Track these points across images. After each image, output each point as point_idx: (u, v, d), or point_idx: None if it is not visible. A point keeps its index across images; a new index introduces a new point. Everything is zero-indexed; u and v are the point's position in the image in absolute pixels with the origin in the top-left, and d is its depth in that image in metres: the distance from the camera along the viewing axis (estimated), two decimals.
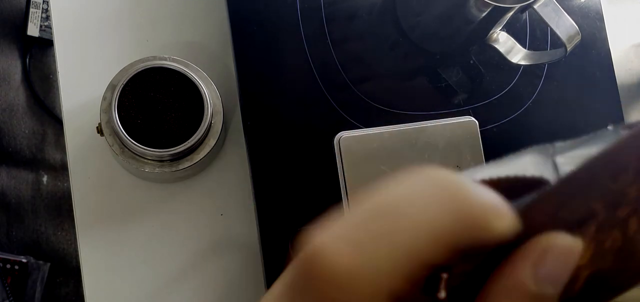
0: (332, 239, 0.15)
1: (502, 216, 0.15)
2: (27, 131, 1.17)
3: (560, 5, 0.43)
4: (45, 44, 1.20)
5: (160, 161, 0.44)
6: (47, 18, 1.18)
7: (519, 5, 0.42)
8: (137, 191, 0.49)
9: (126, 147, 0.44)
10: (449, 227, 0.15)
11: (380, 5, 0.50)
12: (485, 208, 0.15)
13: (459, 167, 0.44)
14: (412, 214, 0.15)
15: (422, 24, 0.50)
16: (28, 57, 1.18)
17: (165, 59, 0.44)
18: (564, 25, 0.43)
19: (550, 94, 0.51)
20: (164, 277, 0.48)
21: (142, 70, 0.43)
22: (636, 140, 0.16)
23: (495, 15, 0.44)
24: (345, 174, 0.42)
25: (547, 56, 0.48)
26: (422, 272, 0.15)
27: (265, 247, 0.45)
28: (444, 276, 0.16)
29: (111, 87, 0.44)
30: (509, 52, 0.49)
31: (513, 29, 0.51)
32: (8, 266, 1.06)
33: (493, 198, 0.16)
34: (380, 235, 0.15)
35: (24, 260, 1.07)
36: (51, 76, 1.20)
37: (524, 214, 0.16)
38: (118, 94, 0.43)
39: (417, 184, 0.16)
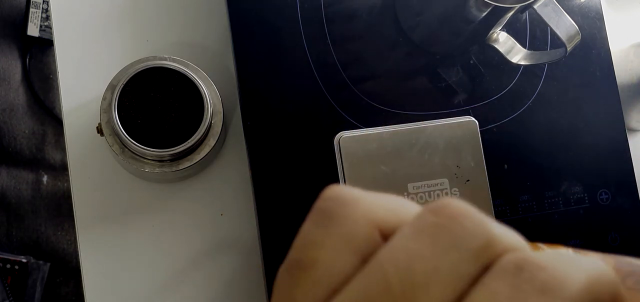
0: None
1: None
2: (27, 131, 1.17)
3: (560, 5, 0.43)
4: (45, 44, 1.20)
5: (160, 161, 0.44)
6: (47, 18, 1.18)
7: (519, 5, 0.42)
8: (137, 191, 0.49)
9: (126, 147, 0.44)
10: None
11: (380, 6, 0.50)
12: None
13: (459, 167, 0.44)
14: None
15: (422, 24, 0.50)
16: (28, 57, 1.18)
17: (165, 59, 0.44)
18: (564, 25, 0.43)
19: (550, 94, 0.51)
20: (164, 277, 0.48)
21: (142, 70, 0.43)
22: None
23: (495, 15, 0.44)
24: (345, 174, 0.42)
25: (547, 56, 0.48)
26: None
27: (265, 247, 0.45)
28: None
29: (111, 87, 0.44)
30: (509, 52, 0.49)
31: (513, 29, 0.51)
32: (8, 266, 1.06)
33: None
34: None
35: (24, 260, 1.07)
36: (51, 76, 1.20)
37: None
38: (118, 94, 0.43)
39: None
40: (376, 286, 0.16)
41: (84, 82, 0.49)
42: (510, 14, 0.44)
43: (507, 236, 0.17)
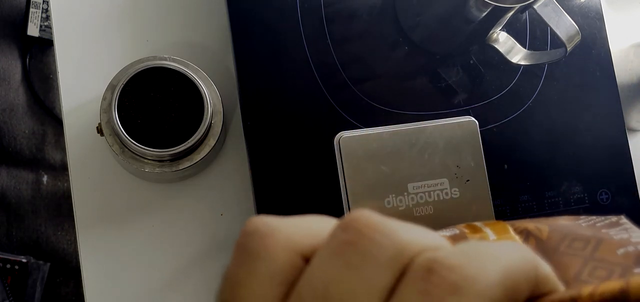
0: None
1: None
2: (27, 131, 1.17)
3: (560, 5, 0.43)
4: (45, 44, 1.20)
5: (160, 161, 0.44)
6: (47, 18, 1.18)
7: (519, 5, 0.42)
8: (137, 191, 0.49)
9: (126, 147, 0.44)
10: (523, 267, 0.17)
11: (380, 6, 0.50)
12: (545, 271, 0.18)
13: (459, 167, 0.44)
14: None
15: (422, 24, 0.50)
16: (28, 57, 1.18)
17: (165, 59, 0.44)
18: (564, 25, 0.43)
19: (550, 94, 0.51)
20: (164, 277, 0.48)
21: (142, 70, 0.43)
22: None
23: (495, 15, 0.44)
24: (345, 174, 0.42)
25: (547, 56, 0.48)
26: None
27: None
28: None
29: (111, 87, 0.44)
30: (509, 52, 0.49)
31: (513, 29, 0.51)
32: (8, 266, 1.06)
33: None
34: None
35: (24, 260, 1.07)
36: (51, 76, 1.20)
37: None
38: (118, 94, 0.43)
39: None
40: None
41: (84, 82, 0.49)
42: (510, 14, 0.44)
43: (419, 238, 0.17)
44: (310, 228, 0.18)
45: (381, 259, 0.16)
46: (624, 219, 0.21)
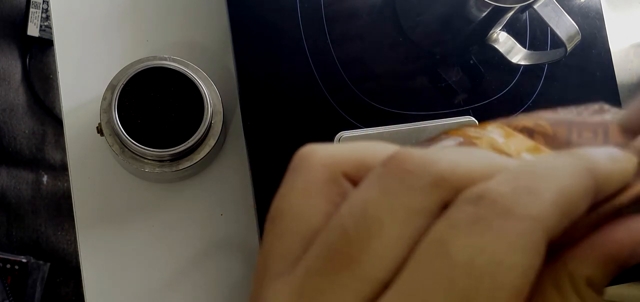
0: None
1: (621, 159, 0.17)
2: (27, 131, 1.17)
3: (560, 5, 0.43)
4: (45, 44, 1.20)
5: (160, 161, 0.44)
6: (47, 18, 1.18)
7: (519, 5, 0.42)
8: (137, 191, 0.49)
9: (126, 147, 0.44)
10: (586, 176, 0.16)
11: (380, 5, 0.50)
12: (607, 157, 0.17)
13: None
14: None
15: (422, 24, 0.50)
16: (28, 57, 1.18)
17: (165, 59, 0.44)
18: (564, 25, 0.43)
19: (550, 94, 0.51)
20: (164, 277, 0.48)
21: (142, 70, 0.43)
22: None
23: (495, 15, 0.44)
24: None
25: (547, 56, 0.48)
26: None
27: None
28: None
29: (111, 87, 0.44)
30: (509, 52, 0.49)
31: (513, 29, 0.51)
32: (8, 266, 1.06)
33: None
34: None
35: (24, 260, 1.07)
36: (51, 76, 1.20)
37: None
38: (118, 94, 0.43)
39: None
40: (335, 234, 0.17)
41: (84, 82, 0.49)
42: (510, 14, 0.44)
43: (461, 166, 0.17)
44: (354, 148, 0.19)
45: (420, 186, 0.16)
46: (606, 106, 0.20)
